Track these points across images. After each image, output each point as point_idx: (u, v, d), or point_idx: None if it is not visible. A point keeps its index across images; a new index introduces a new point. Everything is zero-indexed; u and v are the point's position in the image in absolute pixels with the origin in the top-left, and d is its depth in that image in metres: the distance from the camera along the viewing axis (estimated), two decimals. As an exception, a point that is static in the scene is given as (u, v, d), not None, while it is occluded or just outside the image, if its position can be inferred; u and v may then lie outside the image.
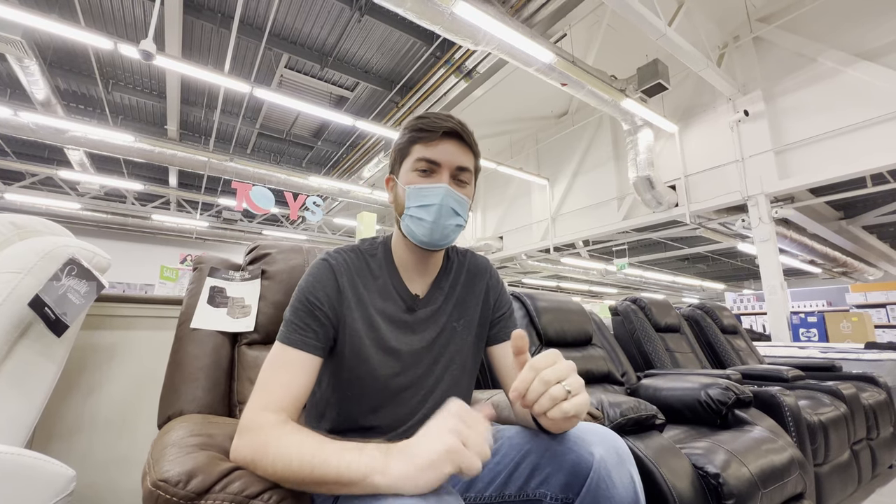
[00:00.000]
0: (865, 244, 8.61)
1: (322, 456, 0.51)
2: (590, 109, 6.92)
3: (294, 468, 0.51)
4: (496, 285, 0.88)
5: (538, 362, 0.55)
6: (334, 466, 0.49)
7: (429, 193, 0.73)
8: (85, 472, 1.10)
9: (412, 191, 0.74)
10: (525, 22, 4.26)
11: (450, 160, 0.73)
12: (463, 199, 0.75)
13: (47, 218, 1.08)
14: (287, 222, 11.01)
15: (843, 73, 4.69)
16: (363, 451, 0.50)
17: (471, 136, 0.75)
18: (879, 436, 2.11)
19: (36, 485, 0.65)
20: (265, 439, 0.55)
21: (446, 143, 0.73)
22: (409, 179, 0.74)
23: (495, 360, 0.85)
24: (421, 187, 0.73)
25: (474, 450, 0.47)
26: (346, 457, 0.50)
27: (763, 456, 1.22)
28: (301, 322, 0.69)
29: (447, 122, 0.73)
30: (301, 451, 0.52)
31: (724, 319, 2.76)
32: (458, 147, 0.74)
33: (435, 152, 0.73)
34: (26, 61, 4.71)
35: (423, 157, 0.73)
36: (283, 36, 5.91)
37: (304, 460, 0.51)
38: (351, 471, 0.49)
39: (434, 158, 0.73)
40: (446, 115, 0.75)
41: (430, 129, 0.73)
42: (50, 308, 0.85)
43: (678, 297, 16.68)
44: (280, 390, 0.62)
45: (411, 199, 0.74)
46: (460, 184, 0.76)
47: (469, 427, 0.49)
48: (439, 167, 0.73)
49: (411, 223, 0.74)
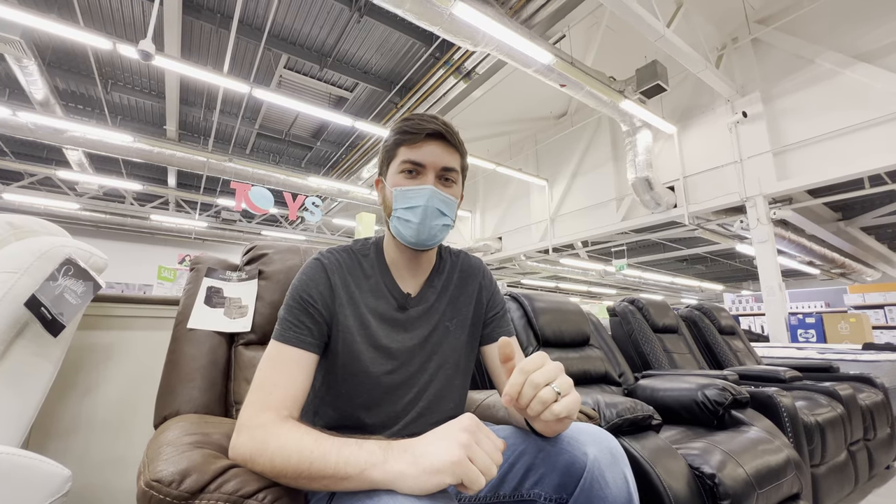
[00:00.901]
0: (863, 245, 8.62)
1: (321, 451, 0.51)
2: (589, 110, 6.94)
3: (293, 463, 0.52)
4: (489, 285, 0.89)
5: (527, 365, 0.56)
6: (332, 461, 0.50)
7: (414, 195, 0.74)
8: (81, 473, 1.11)
9: (398, 192, 0.75)
10: (524, 23, 4.27)
11: (434, 161, 0.74)
12: (449, 199, 0.76)
13: (45, 218, 1.08)
14: (286, 223, 11.00)
15: (841, 74, 4.70)
16: (362, 446, 0.51)
17: (455, 136, 0.76)
18: (876, 436, 2.11)
19: (31, 485, 0.65)
20: (264, 436, 0.55)
21: (431, 144, 0.74)
22: (396, 181, 0.76)
23: (489, 359, 0.85)
24: (406, 189, 0.74)
25: (481, 466, 0.48)
26: (345, 451, 0.50)
27: (759, 456, 1.22)
28: (296, 319, 0.69)
29: (431, 124, 0.73)
30: (300, 447, 0.53)
31: (721, 320, 2.77)
32: (442, 148, 0.75)
33: (419, 154, 0.74)
34: (25, 61, 4.71)
35: (408, 159, 0.74)
36: (282, 36, 5.91)
37: (304, 455, 0.52)
38: (349, 465, 0.49)
39: (419, 160, 0.74)
40: (431, 117, 0.75)
41: (413, 131, 0.73)
42: (46, 308, 0.85)
43: (677, 298, 16.69)
44: (278, 389, 0.63)
45: (398, 201, 0.75)
46: (446, 183, 0.77)
47: (479, 443, 0.49)
48: (424, 168, 0.74)
49: (399, 224, 0.75)
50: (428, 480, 0.46)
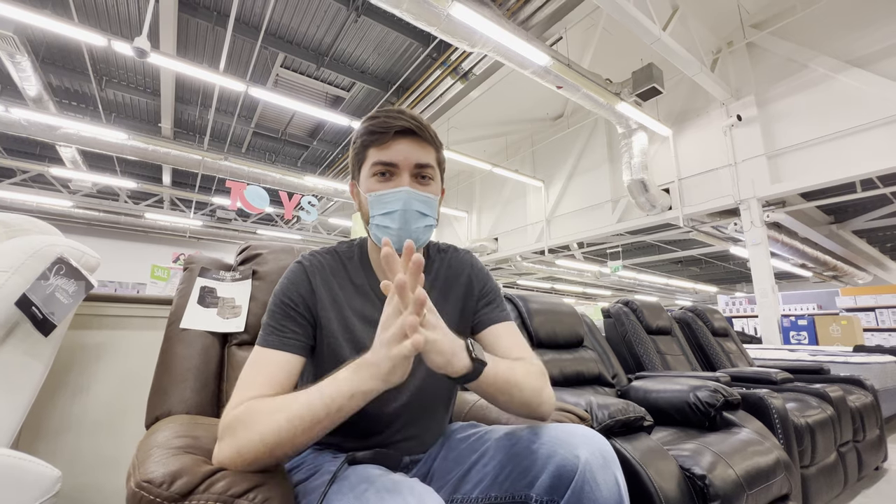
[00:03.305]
0: (855, 248, 8.72)
1: (305, 401, 0.55)
2: (585, 112, 6.97)
3: (284, 427, 0.53)
4: (479, 274, 0.85)
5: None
6: (320, 404, 0.54)
7: (390, 199, 0.69)
8: (71, 473, 1.10)
9: (373, 198, 0.70)
10: (521, 25, 4.28)
11: (407, 159, 0.70)
12: (429, 198, 0.72)
13: (38, 215, 1.08)
14: (282, 222, 10.96)
15: (834, 79, 4.75)
16: (336, 379, 0.55)
17: (426, 129, 0.71)
18: (866, 438, 2.14)
19: (20, 485, 0.65)
20: (244, 424, 0.55)
21: (401, 142, 0.70)
22: (369, 186, 0.71)
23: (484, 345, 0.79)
24: (381, 194, 0.70)
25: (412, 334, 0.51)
26: (327, 391, 0.54)
27: (749, 458, 1.23)
28: (277, 324, 0.68)
29: (398, 120, 0.69)
30: (285, 409, 0.55)
31: (714, 322, 2.79)
32: (414, 144, 0.70)
33: (390, 154, 0.70)
34: (18, 57, 4.67)
35: (379, 160, 0.70)
36: (279, 35, 5.89)
37: (293, 414, 0.54)
38: (337, 397, 0.54)
39: (390, 160, 0.70)
40: (397, 111, 0.70)
41: (381, 129, 0.69)
42: (37, 307, 0.85)
43: (672, 300, 16.79)
44: (256, 388, 0.61)
45: (374, 207, 0.70)
46: (423, 181, 0.72)
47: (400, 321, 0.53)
48: (397, 168, 0.70)
49: (379, 232, 0.71)
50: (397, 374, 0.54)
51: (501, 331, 0.80)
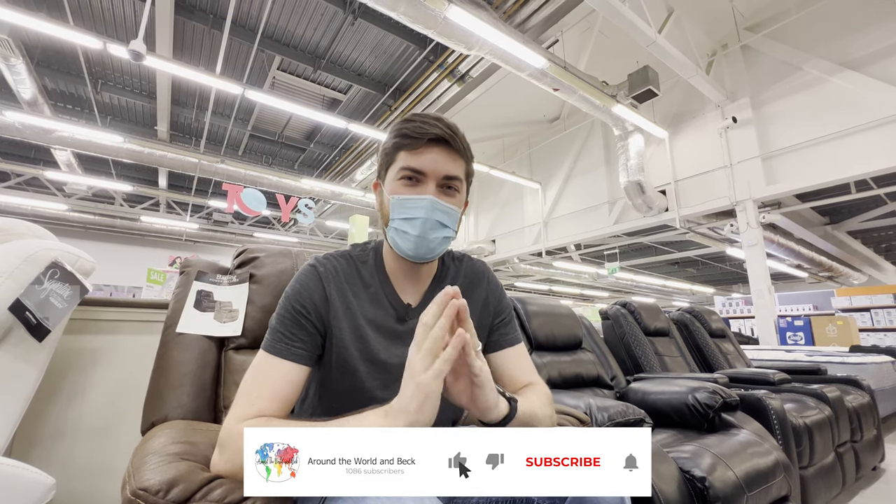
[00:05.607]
0: (850, 249, 8.78)
1: None
2: (581, 114, 6.99)
3: None
4: (495, 290, 0.85)
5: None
6: None
7: (413, 205, 0.68)
8: (66, 480, 1.08)
9: (396, 201, 0.69)
10: (518, 27, 4.30)
11: (436, 169, 0.68)
12: (451, 210, 0.71)
13: (33, 219, 1.07)
14: (279, 225, 10.93)
15: (828, 81, 4.79)
16: (361, 421, 0.54)
17: (461, 140, 0.70)
18: (863, 438, 2.14)
19: (14, 493, 0.64)
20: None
21: (433, 150, 0.68)
22: (394, 189, 0.70)
23: (495, 367, 0.80)
24: (405, 198, 0.69)
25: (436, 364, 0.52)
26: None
27: (748, 459, 1.23)
28: (287, 331, 0.66)
29: (434, 128, 0.67)
30: None
31: (712, 323, 2.80)
32: (445, 154, 0.69)
33: (420, 161, 0.68)
34: (12, 60, 4.64)
35: (408, 166, 0.68)
36: (275, 38, 5.88)
37: None
38: None
39: (419, 167, 0.68)
40: (434, 119, 0.69)
41: (414, 135, 0.67)
42: (31, 312, 0.84)
43: (669, 301, 16.83)
44: (262, 401, 0.60)
45: (395, 210, 0.69)
46: (448, 192, 0.71)
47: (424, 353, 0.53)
48: (425, 176, 0.69)
49: (396, 236, 0.70)
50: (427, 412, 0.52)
51: (513, 354, 0.80)
